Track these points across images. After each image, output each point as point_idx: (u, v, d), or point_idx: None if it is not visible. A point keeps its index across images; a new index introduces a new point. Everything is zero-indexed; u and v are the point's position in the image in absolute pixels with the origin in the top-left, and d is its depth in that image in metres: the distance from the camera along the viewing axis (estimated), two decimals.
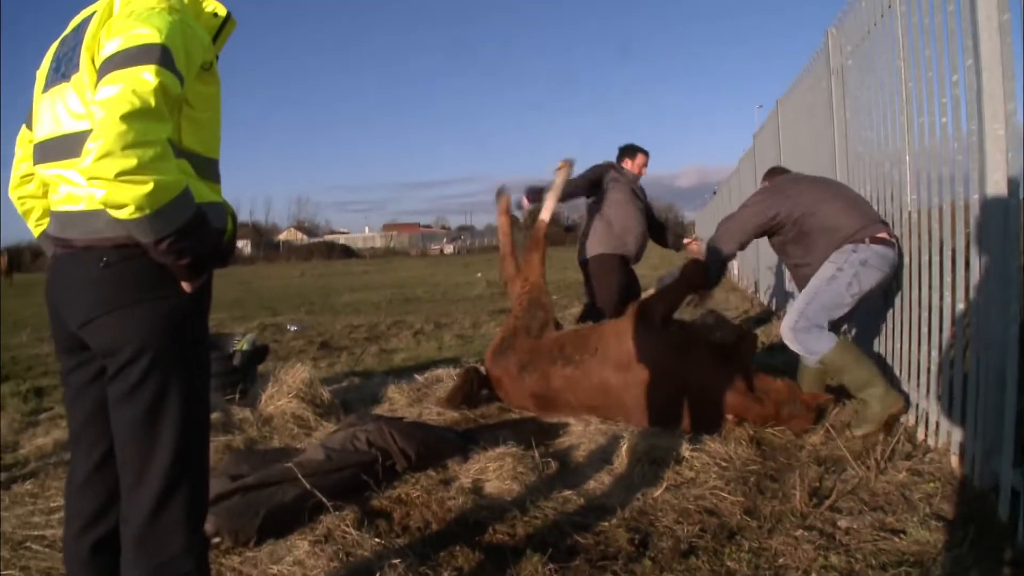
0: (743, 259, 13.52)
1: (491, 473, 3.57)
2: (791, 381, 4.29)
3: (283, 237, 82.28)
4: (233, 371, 5.30)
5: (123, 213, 1.60)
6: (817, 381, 4.30)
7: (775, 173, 4.94)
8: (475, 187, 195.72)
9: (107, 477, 1.94)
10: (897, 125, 4.06)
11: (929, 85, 3.49)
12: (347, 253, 66.12)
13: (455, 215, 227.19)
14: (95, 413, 1.93)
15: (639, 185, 6.49)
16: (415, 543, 2.89)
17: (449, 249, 71.25)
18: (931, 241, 3.59)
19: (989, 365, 2.94)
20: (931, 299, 3.58)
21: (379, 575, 2.56)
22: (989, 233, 2.93)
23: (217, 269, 1.96)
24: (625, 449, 3.72)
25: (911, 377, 3.89)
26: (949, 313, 3.39)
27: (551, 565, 2.62)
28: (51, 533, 3.14)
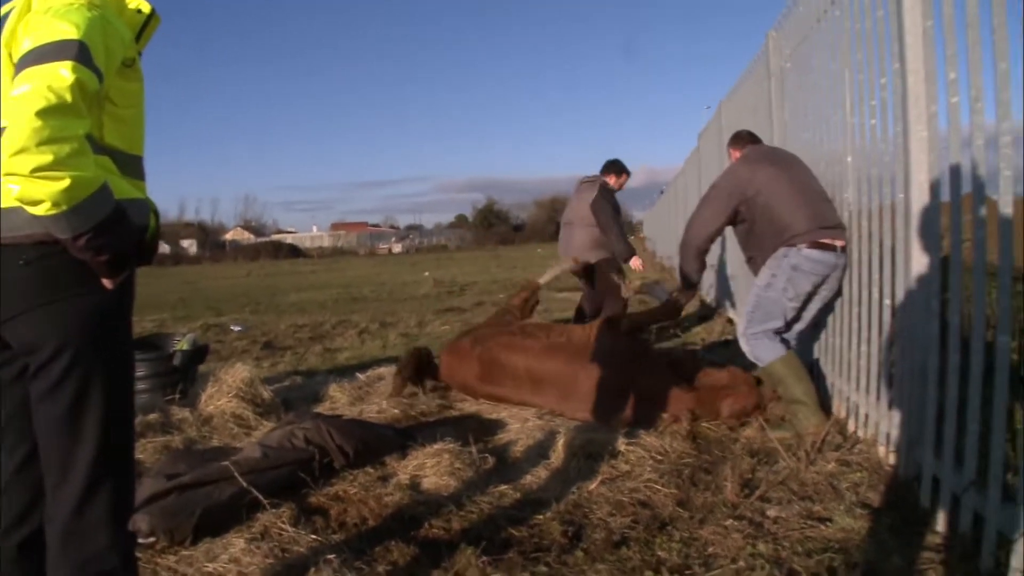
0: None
1: (429, 469, 3.57)
2: (734, 368, 4.47)
3: (230, 236, 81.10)
4: (173, 371, 5.20)
5: (39, 209, 1.58)
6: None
7: (745, 141, 4.67)
8: (424, 187, 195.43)
9: (31, 477, 1.91)
10: (832, 126, 4.16)
11: (860, 88, 3.58)
12: (295, 253, 65.28)
13: (404, 214, 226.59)
14: (17, 413, 1.90)
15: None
16: (351, 539, 2.89)
17: (398, 248, 70.88)
18: (861, 239, 3.68)
19: (913, 360, 3.03)
20: (862, 296, 3.67)
21: (315, 571, 2.55)
22: (913, 232, 3.02)
23: (140, 266, 1.94)
24: (562, 444, 3.76)
25: (843, 371, 3.99)
26: (877, 309, 3.48)
27: (484, 558, 2.63)
28: None
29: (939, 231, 2.89)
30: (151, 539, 2.79)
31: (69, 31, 1.65)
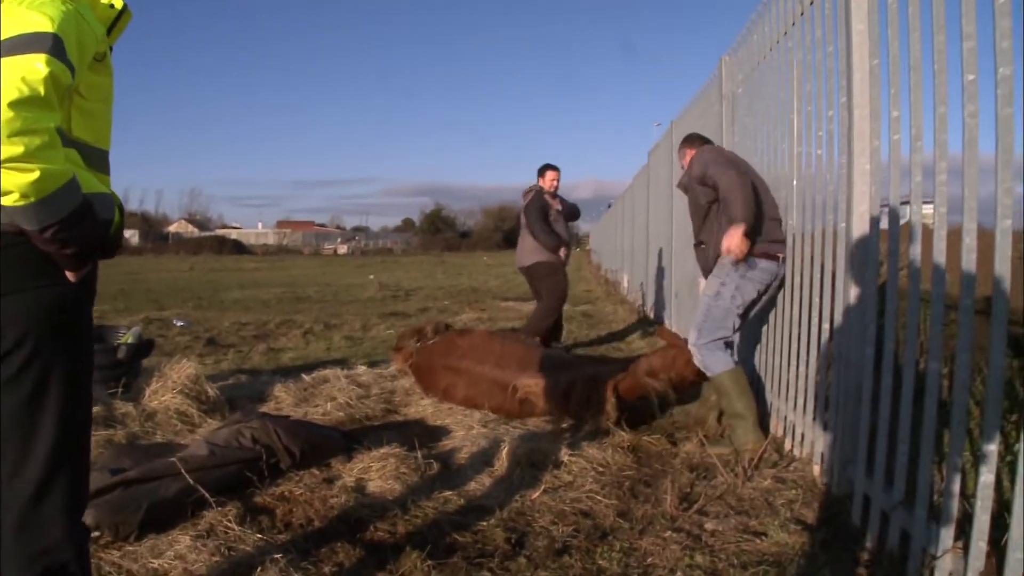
0: (632, 273, 13.90)
1: (374, 473, 3.60)
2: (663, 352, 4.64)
3: (173, 229, 79.56)
4: (117, 365, 5.13)
5: (7, 200, 1.57)
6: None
7: (702, 140, 4.75)
8: (371, 188, 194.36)
9: None
10: (780, 152, 4.30)
11: (809, 118, 3.72)
12: (239, 249, 64.31)
13: (350, 215, 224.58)
14: None
15: (556, 196, 7.66)
16: (297, 539, 2.90)
17: (343, 249, 70.24)
18: (803, 264, 3.82)
19: (848, 381, 3.15)
20: (800, 318, 3.80)
21: (260, 569, 2.55)
22: (852, 259, 3.15)
23: (103, 260, 1.94)
24: (506, 452, 3.81)
25: (781, 391, 4.12)
26: (816, 332, 3.61)
27: (429, 561, 2.67)
28: None
29: (877, 259, 3.02)
30: (95, 533, 2.75)
31: (43, 23, 1.64)
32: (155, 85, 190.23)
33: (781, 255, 4.08)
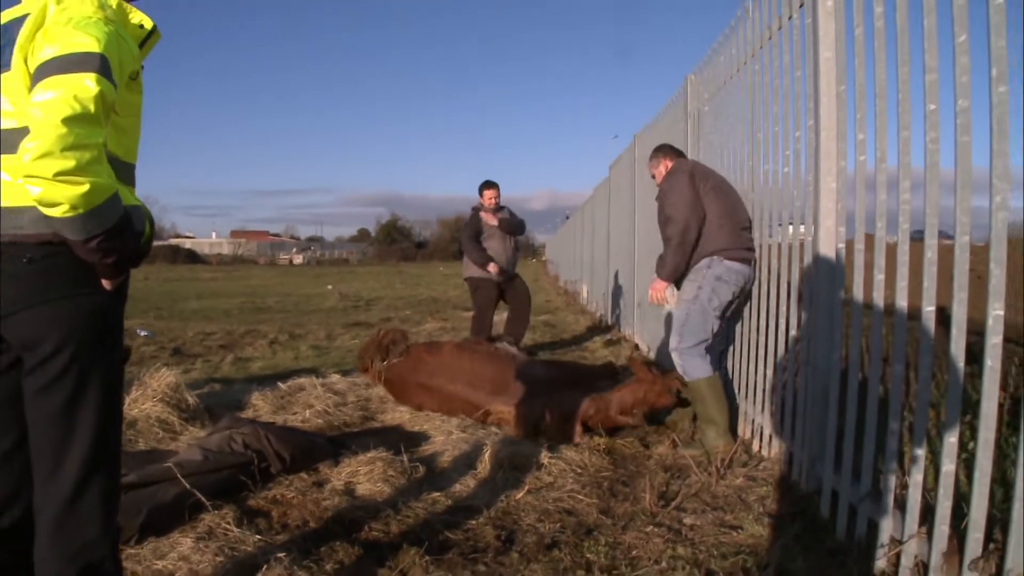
0: (592, 284, 14.13)
1: (362, 476, 3.71)
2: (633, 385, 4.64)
3: None
4: None
5: (56, 211, 1.67)
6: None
7: (676, 152, 4.85)
8: (326, 198, 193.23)
9: (14, 469, 1.96)
10: (745, 169, 4.53)
11: (775, 137, 3.95)
12: (193, 258, 63.58)
13: (305, 225, 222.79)
14: (3, 406, 1.95)
15: (501, 209, 7.96)
16: (295, 540, 3.00)
17: (299, 259, 69.70)
18: (771, 275, 4.03)
19: (815, 385, 3.36)
20: (768, 325, 4.02)
21: (266, 568, 2.65)
22: (819, 270, 3.36)
23: (134, 269, 2.05)
24: (488, 455, 3.96)
25: (749, 395, 4.33)
26: (783, 339, 3.83)
27: (427, 558, 2.80)
28: None
29: (842, 270, 3.24)
30: None
31: (91, 44, 1.74)
32: None
33: (751, 260, 4.28)
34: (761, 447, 4.10)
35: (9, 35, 1.85)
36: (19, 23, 1.84)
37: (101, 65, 1.74)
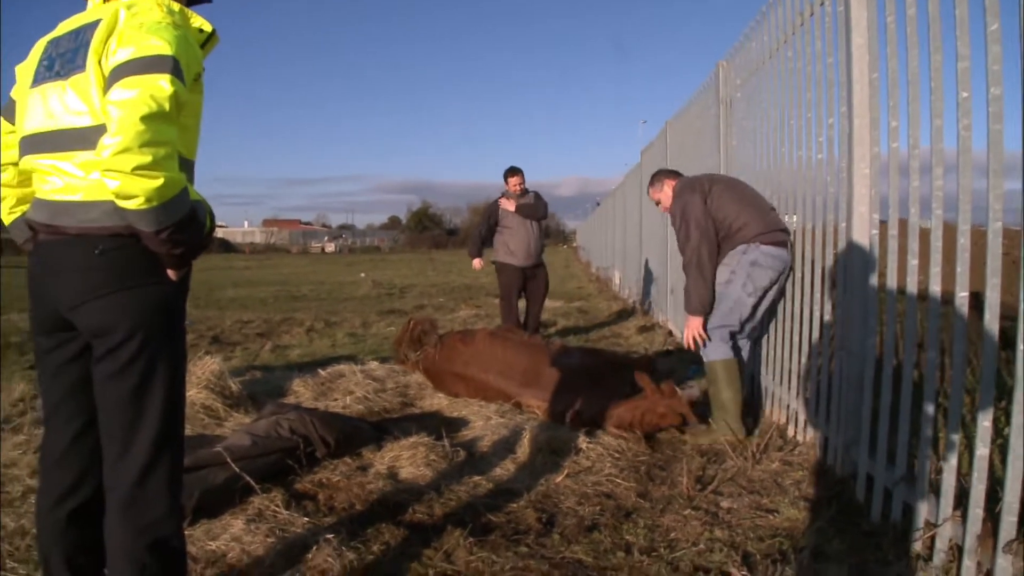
0: (625, 270, 14.13)
1: (405, 460, 3.81)
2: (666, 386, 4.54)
3: None
4: None
5: (132, 203, 1.77)
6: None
7: (675, 175, 4.90)
8: (357, 186, 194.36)
9: (83, 450, 2.08)
10: (778, 155, 4.54)
11: (808, 124, 3.96)
12: (226, 247, 64.29)
13: (336, 213, 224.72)
14: (73, 390, 2.07)
15: (523, 196, 8.04)
16: (343, 522, 3.11)
17: (331, 247, 70.30)
18: (804, 260, 4.06)
19: (850, 370, 3.40)
20: (802, 311, 4.05)
21: (316, 549, 2.75)
22: (853, 256, 3.39)
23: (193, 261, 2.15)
24: (527, 440, 4.04)
25: (784, 380, 4.36)
26: (818, 324, 3.86)
27: (470, 539, 2.89)
28: None
29: (876, 255, 3.27)
30: None
31: (164, 47, 1.85)
32: None
33: (787, 242, 4.26)
34: (796, 432, 4.14)
35: (83, 38, 1.95)
36: (91, 28, 1.94)
37: (174, 67, 1.84)
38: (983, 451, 2.39)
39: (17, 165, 2.12)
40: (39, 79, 2.02)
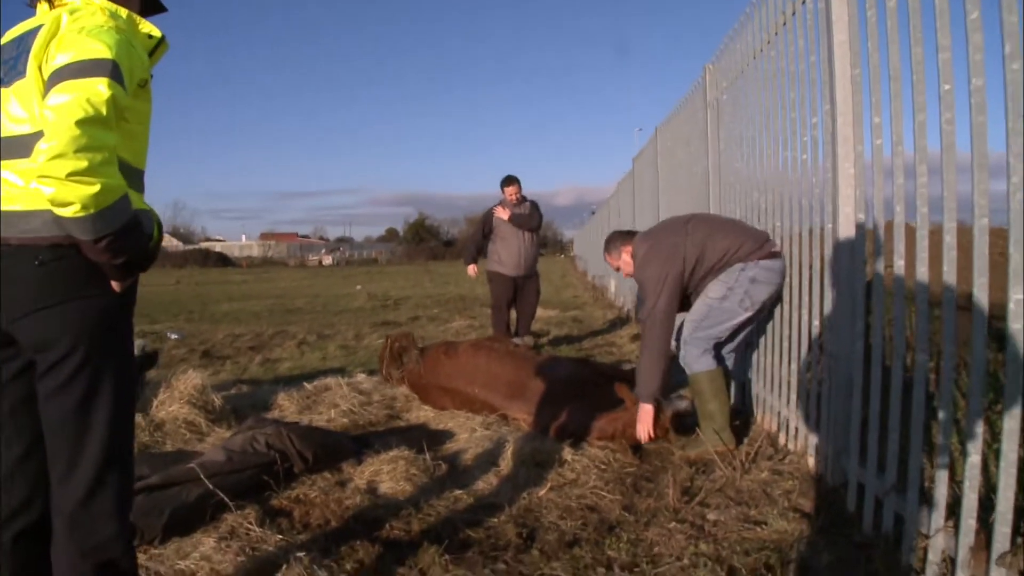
0: (619, 278, 14.03)
1: (385, 475, 3.71)
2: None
3: None
4: None
5: (68, 211, 1.71)
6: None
7: (628, 236, 4.62)
8: (354, 199, 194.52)
9: (30, 470, 2.00)
10: (764, 158, 4.45)
11: (793, 124, 3.87)
12: (223, 261, 64.37)
13: (333, 226, 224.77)
14: (16, 409, 1.99)
15: (519, 206, 8.00)
16: (317, 539, 3.02)
17: (328, 260, 70.28)
18: (792, 264, 3.97)
19: (839, 376, 3.30)
20: (791, 316, 3.95)
21: (286, 567, 2.66)
22: (840, 258, 3.30)
23: (141, 273, 2.07)
24: (510, 453, 3.94)
25: (773, 387, 4.26)
26: (806, 329, 3.76)
27: (447, 556, 2.80)
28: None
29: (864, 257, 3.17)
30: None
31: (103, 51, 1.80)
32: None
33: (779, 252, 4.14)
34: (787, 440, 4.03)
35: (25, 44, 1.91)
36: (33, 33, 1.91)
37: (113, 70, 1.80)
38: (974, 458, 2.29)
39: None
40: None
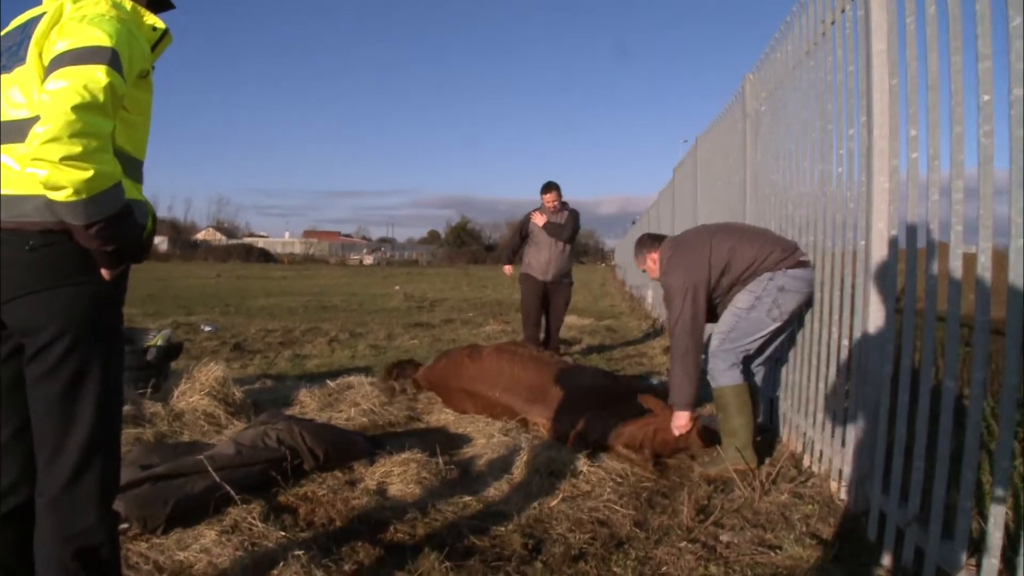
0: (657, 289, 13.88)
1: (395, 476, 3.67)
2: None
3: (201, 236, 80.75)
4: (147, 366, 5.29)
5: (60, 195, 1.70)
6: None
7: (656, 241, 4.55)
8: (398, 200, 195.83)
9: (16, 455, 1.99)
10: (801, 170, 4.33)
11: (829, 137, 3.75)
12: (265, 257, 65.21)
13: (376, 226, 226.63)
14: (5, 391, 1.98)
15: (557, 214, 7.87)
16: (319, 537, 2.98)
17: (369, 260, 70.74)
18: (824, 281, 3.84)
19: (866, 398, 3.17)
20: (821, 334, 3.82)
21: (283, 565, 2.64)
22: (871, 277, 3.17)
23: (133, 264, 2.05)
24: (525, 461, 3.88)
25: (800, 406, 4.13)
26: (835, 348, 3.63)
27: (447, 563, 2.73)
28: None
29: (895, 277, 3.05)
30: (124, 525, 2.86)
31: (103, 38, 1.80)
32: (185, 93, 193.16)
33: (808, 261, 4.04)
34: (811, 462, 3.90)
35: (27, 31, 1.92)
36: (36, 21, 1.92)
37: (112, 58, 1.80)
38: (1000, 493, 2.16)
39: None
40: None
